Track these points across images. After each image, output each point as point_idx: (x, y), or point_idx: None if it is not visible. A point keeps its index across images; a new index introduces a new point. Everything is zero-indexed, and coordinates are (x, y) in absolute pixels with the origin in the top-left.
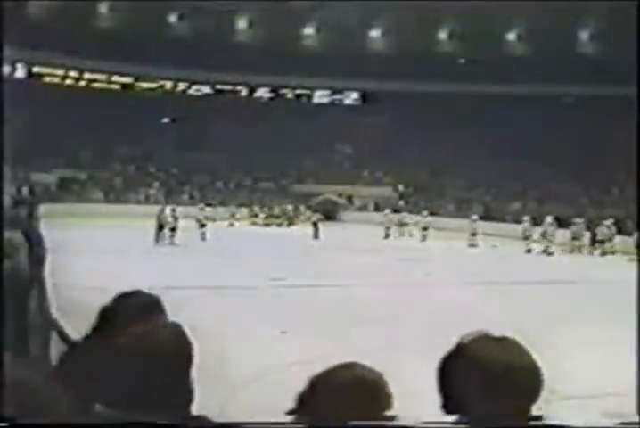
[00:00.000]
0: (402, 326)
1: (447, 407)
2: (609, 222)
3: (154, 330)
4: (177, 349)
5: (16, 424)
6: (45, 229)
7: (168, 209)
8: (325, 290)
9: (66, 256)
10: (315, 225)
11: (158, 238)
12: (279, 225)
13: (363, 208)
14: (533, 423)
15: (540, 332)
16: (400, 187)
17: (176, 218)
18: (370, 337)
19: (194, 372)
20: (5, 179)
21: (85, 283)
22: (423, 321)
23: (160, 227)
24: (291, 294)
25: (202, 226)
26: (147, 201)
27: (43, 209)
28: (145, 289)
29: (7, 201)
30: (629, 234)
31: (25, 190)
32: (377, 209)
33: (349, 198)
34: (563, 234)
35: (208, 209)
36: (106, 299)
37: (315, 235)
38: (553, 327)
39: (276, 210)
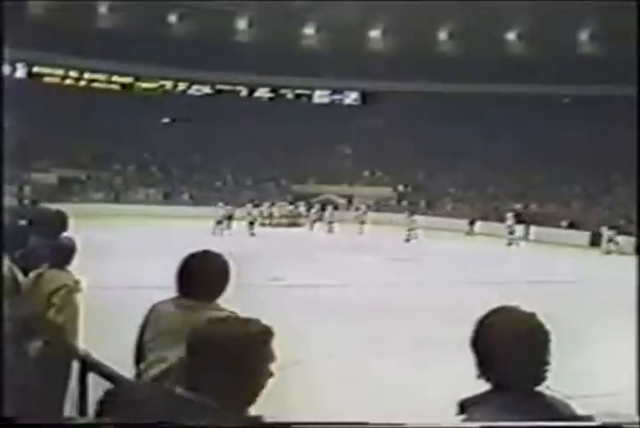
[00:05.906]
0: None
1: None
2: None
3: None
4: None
5: (16, 424)
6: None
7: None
8: None
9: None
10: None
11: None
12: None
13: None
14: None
15: None
16: (400, 187)
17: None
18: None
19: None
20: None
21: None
22: None
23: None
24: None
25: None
26: (147, 200)
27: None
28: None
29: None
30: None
31: (26, 190)
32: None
33: (349, 198)
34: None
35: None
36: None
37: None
38: None
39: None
